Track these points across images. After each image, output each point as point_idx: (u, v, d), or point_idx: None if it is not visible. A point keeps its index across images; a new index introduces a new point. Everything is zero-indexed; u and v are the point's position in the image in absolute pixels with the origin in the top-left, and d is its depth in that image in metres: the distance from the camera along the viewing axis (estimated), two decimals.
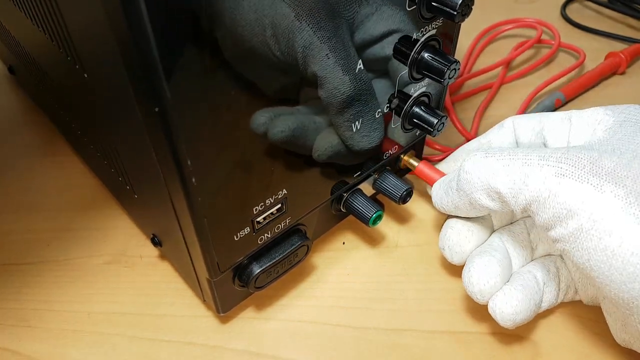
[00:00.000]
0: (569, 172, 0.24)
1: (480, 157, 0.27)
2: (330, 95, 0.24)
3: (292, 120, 0.25)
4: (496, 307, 0.27)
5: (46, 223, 0.38)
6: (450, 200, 0.29)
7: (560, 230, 0.24)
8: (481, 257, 0.29)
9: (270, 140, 0.24)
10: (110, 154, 0.30)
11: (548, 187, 0.24)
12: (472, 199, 0.27)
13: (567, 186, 0.23)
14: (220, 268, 0.27)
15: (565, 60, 0.51)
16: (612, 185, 0.23)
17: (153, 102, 0.19)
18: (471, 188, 0.27)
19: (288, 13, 0.20)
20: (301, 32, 0.21)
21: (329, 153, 0.27)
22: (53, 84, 0.34)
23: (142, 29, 0.17)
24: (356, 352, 0.30)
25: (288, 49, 0.21)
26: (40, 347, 0.31)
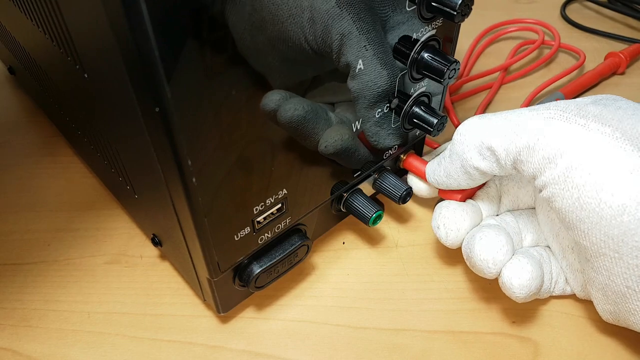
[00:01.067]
0: (557, 115, 0.25)
1: (474, 118, 0.28)
2: (364, 87, 0.24)
3: (307, 103, 0.24)
4: (512, 274, 0.27)
5: (46, 223, 0.38)
6: (443, 169, 0.30)
7: (549, 172, 0.25)
8: (490, 229, 0.29)
9: (279, 119, 0.23)
10: (111, 154, 0.30)
11: (538, 129, 0.25)
12: (464, 160, 0.28)
13: (556, 126, 0.25)
14: (221, 268, 0.27)
15: (565, 60, 0.51)
16: (598, 124, 0.24)
17: (154, 102, 0.19)
18: (464, 148, 0.28)
19: (329, 3, 0.20)
20: (341, 19, 0.21)
21: (338, 146, 0.27)
22: (53, 84, 0.34)
23: (142, 29, 0.17)
24: (356, 352, 0.30)
25: (324, 34, 0.21)
26: (40, 347, 0.31)
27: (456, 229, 0.30)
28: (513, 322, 0.31)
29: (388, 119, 0.28)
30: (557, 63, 0.51)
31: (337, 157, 0.28)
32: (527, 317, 0.31)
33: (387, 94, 0.25)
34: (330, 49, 0.22)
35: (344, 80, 0.25)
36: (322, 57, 0.22)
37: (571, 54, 0.52)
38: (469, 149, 0.28)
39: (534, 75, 0.49)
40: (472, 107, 0.46)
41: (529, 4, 0.60)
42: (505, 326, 0.31)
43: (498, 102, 0.46)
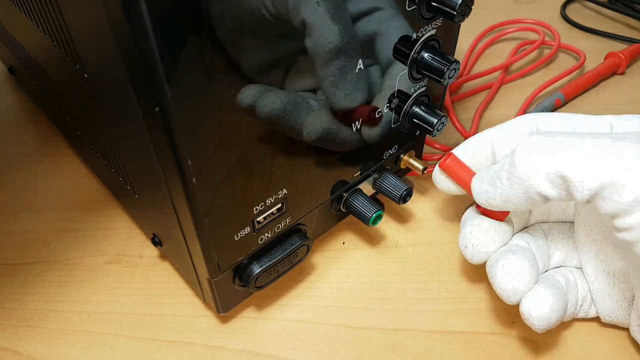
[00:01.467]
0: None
1: (541, 139, 0.24)
2: (317, 43, 0.23)
3: (285, 95, 0.24)
4: (531, 306, 0.26)
5: (46, 223, 0.38)
6: (500, 193, 0.26)
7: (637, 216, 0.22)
8: (514, 255, 0.27)
9: (259, 114, 0.23)
10: (111, 154, 0.30)
11: (627, 168, 0.21)
12: (530, 187, 0.24)
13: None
14: (221, 268, 0.27)
15: (565, 60, 0.51)
16: None
17: (154, 102, 0.19)
18: (529, 174, 0.24)
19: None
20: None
21: (319, 131, 0.26)
22: (53, 84, 0.34)
23: (143, 29, 0.17)
24: (356, 352, 0.30)
25: (282, 8, 0.20)
26: (40, 347, 0.31)
27: (485, 252, 0.28)
28: (513, 322, 0.31)
29: (343, 78, 0.26)
30: (557, 63, 0.51)
31: (322, 142, 0.27)
32: None
33: (339, 52, 0.24)
34: (287, 9, 0.21)
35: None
36: (284, 23, 0.22)
37: (571, 54, 0.52)
38: (538, 176, 0.24)
39: (534, 76, 0.49)
40: (472, 107, 0.46)
41: (529, 4, 0.60)
42: (505, 326, 0.31)
43: (497, 102, 0.46)
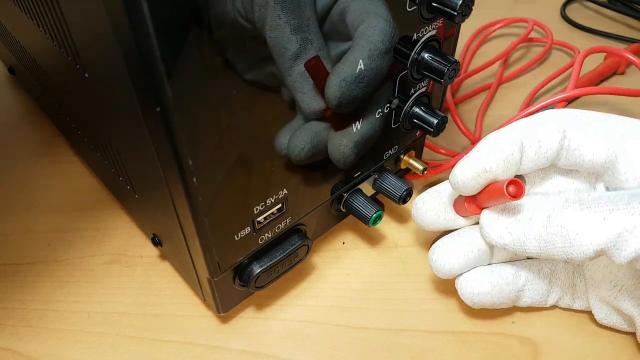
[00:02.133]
0: None
1: (575, 210, 0.24)
2: (277, 53, 0.23)
3: (305, 133, 0.25)
4: (459, 285, 0.30)
5: (46, 223, 0.38)
6: (534, 248, 0.26)
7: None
8: (453, 238, 0.30)
9: (296, 162, 0.26)
10: (111, 154, 0.30)
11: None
12: (567, 254, 0.25)
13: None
14: (221, 268, 0.27)
15: (561, 58, 0.52)
16: None
17: (154, 102, 0.19)
18: (567, 245, 0.24)
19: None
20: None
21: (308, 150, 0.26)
22: (53, 84, 0.34)
23: (143, 29, 0.17)
24: (356, 352, 0.30)
25: (251, 13, 0.20)
26: (40, 347, 0.31)
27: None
28: (513, 322, 0.31)
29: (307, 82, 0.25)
30: (553, 62, 0.51)
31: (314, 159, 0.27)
32: (527, 317, 0.31)
33: (298, 56, 0.24)
34: (254, 19, 0.21)
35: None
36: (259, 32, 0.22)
37: (566, 51, 0.52)
38: (574, 247, 0.24)
39: (529, 75, 0.50)
40: (472, 108, 0.46)
41: (529, 4, 0.60)
42: (505, 326, 0.31)
43: (497, 102, 0.46)
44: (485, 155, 0.27)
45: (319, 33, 0.24)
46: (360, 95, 0.27)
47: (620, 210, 0.23)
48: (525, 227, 0.26)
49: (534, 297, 0.30)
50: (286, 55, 0.23)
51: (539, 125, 0.27)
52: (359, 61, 0.25)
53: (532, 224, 0.26)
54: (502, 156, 0.27)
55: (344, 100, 0.26)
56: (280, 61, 0.23)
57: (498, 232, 0.27)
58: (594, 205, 0.24)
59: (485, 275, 0.29)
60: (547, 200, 0.26)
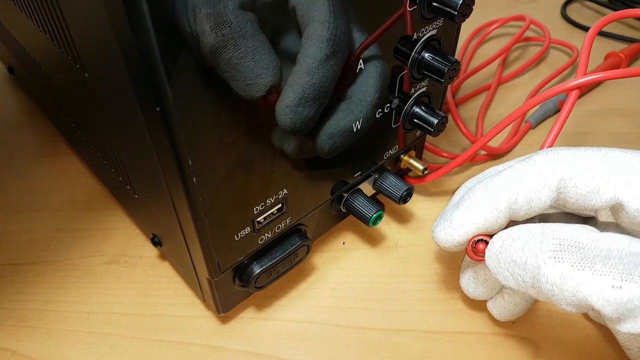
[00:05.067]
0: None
1: (571, 267, 0.21)
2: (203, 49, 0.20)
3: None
4: (492, 310, 0.30)
5: (46, 223, 0.37)
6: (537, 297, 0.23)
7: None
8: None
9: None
10: (111, 154, 0.30)
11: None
12: (559, 305, 0.22)
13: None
14: (221, 268, 0.27)
15: (559, 57, 0.52)
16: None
17: (154, 101, 0.19)
18: (558, 300, 0.22)
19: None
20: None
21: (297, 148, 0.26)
22: (53, 84, 0.34)
23: (143, 28, 0.17)
24: (356, 352, 0.30)
25: (192, 25, 0.19)
26: (40, 347, 0.31)
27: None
28: (513, 322, 0.31)
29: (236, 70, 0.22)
30: (552, 61, 0.51)
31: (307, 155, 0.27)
32: (527, 317, 0.31)
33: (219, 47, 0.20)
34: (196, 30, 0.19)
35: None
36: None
37: (564, 50, 0.52)
38: (565, 303, 0.21)
39: (528, 74, 0.50)
40: (472, 108, 0.46)
41: (529, 4, 0.60)
42: (505, 326, 0.31)
43: (497, 102, 0.46)
44: (467, 223, 0.25)
45: (241, 12, 0.20)
46: (312, 114, 0.24)
47: (634, 281, 0.20)
48: (523, 273, 0.23)
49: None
50: (205, 49, 0.20)
51: (528, 182, 0.24)
52: (299, 82, 0.23)
53: (526, 270, 0.22)
54: (484, 225, 0.25)
55: (297, 125, 0.24)
56: (205, 54, 0.20)
57: (502, 275, 0.24)
58: (599, 264, 0.20)
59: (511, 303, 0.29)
60: (539, 241, 0.22)
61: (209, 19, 0.20)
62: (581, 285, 0.20)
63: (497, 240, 0.24)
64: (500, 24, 0.53)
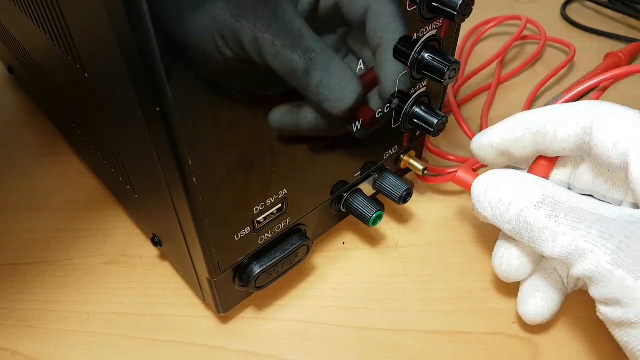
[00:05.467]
0: (625, 264, 0.22)
1: (544, 215, 0.25)
2: (289, 78, 0.23)
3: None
4: (526, 314, 0.29)
5: (46, 223, 0.38)
6: (506, 230, 0.28)
7: (608, 310, 0.24)
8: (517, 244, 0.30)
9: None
10: (111, 154, 0.30)
11: (602, 272, 0.23)
12: (532, 247, 0.26)
13: (621, 279, 0.22)
14: (221, 268, 0.27)
15: (556, 55, 0.52)
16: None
17: (154, 101, 0.19)
18: (531, 241, 0.26)
19: (226, 18, 0.20)
20: (243, 31, 0.20)
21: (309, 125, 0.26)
22: (53, 84, 0.34)
23: (144, 28, 0.17)
24: (356, 352, 0.30)
25: (242, 52, 0.21)
26: (40, 347, 0.31)
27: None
28: (513, 322, 0.31)
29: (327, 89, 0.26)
30: (550, 60, 0.51)
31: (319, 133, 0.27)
32: None
33: (309, 71, 0.24)
34: (253, 59, 0.21)
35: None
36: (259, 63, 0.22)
37: (562, 49, 0.52)
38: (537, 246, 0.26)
39: (527, 73, 0.50)
40: (473, 109, 0.46)
41: (529, 4, 0.60)
42: (505, 326, 0.31)
43: (497, 102, 0.46)
44: (496, 133, 0.29)
45: (313, 35, 0.23)
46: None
47: (579, 231, 0.24)
48: (504, 210, 0.27)
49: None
50: (297, 74, 0.23)
51: (562, 115, 0.27)
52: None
53: (509, 210, 0.27)
54: (510, 137, 0.29)
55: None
56: (295, 82, 0.24)
57: (482, 204, 0.28)
58: (562, 216, 0.25)
59: (550, 299, 0.29)
60: (531, 190, 0.27)
61: (293, 50, 0.22)
62: (545, 229, 0.25)
63: (492, 174, 0.29)
64: (496, 24, 0.53)
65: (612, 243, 0.23)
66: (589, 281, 0.24)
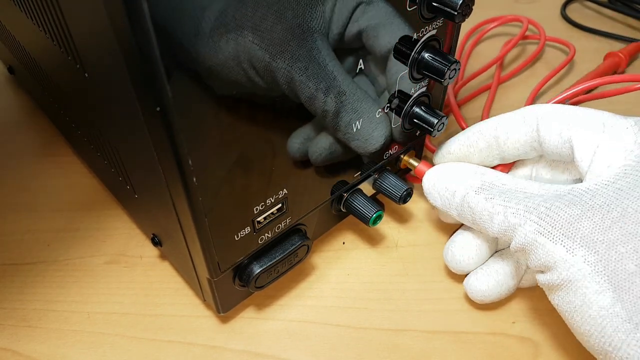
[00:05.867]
0: (546, 231, 0.25)
1: (483, 198, 0.28)
2: (320, 116, 0.25)
3: (326, 138, 0.26)
4: (468, 288, 0.31)
5: (46, 223, 0.38)
6: (455, 216, 0.30)
7: (541, 277, 0.26)
8: (463, 236, 0.32)
9: (315, 164, 0.27)
10: (111, 154, 0.30)
11: (529, 242, 0.25)
12: (478, 229, 0.29)
13: (544, 244, 0.25)
14: (221, 268, 0.27)
15: (555, 55, 0.52)
16: (584, 250, 0.24)
17: (154, 101, 0.19)
18: (475, 224, 0.29)
19: (262, 55, 0.21)
20: (279, 71, 0.22)
21: (325, 156, 0.28)
22: (53, 84, 0.34)
23: (143, 29, 0.17)
24: (356, 352, 0.30)
25: (274, 84, 0.22)
26: (40, 347, 0.31)
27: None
28: (513, 322, 0.31)
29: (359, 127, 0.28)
30: (550, 60, 0.51)
31: (330, 162, 0.28)
32: (527, 317, 0.31)
33: (339, 112, 0.26)
34: (281, 91, 0.23)
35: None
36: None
37: (562, 48, 0.52)
38: (475, 224, 0.29)
39: (527, 73, 0.50)
40: (473, 109, 0.46)
41: (529, 4, 0.60)
42: (505, 326, 0.31)
43: (497, 102, 0.46)
44: (453, 140, 0.32)
45: (345, 76, 0.25)
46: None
47: (510, 208, 0.26)
48: (450, 198, 0.30)
49: (533, 280, 0.31)
50: (328, 116, 0.25)
51: (510, 118, 0.30)
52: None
53: (454, 197, 0.29)
54: (465, 143, 0.31)
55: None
56: (326, 122, 0.25)
57: (432, 195, 0.31)
58: (497, 197, 0.27)
59: (492, 277, 0.30)
60: (472, 178, 0.29)
61: (326, 94, 0.24)
62: (484, 210, 0.28)
63: (439, 167, 0.32)
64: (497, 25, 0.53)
65: (535, 215, 0.25)
66: (524, 253, 0.26)
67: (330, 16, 0.23)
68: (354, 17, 0.24)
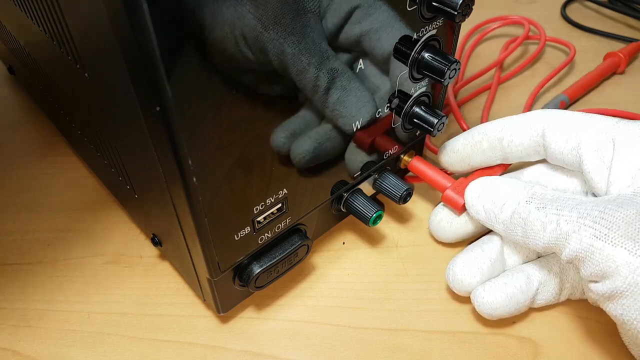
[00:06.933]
0: (603, 234, 0.24)
1: (535, 208, 0.27)
2: (309, 92, 0.24)
3: (312, 139, 0.26)
4: (475, 300, 0.30)
5: (46, 223, 0.38)
6: (500, 230, 0.29)
7: (598, 287, 0.24)
8: (465, 255, 0.31)
9: (297, 165, 0.26)
10: (111, 154, 0.30)
11: (585, 248, 0.24)
12: (525, 243, 0.28)
13: (602, 249, 0.24)
14: (221, 268, 0.27)
15: (555, 55, 0.52)
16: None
17: (154, 101, 0.19)
18: (525, 236, 0.27)
19: (255, 24, 0.20)
20: (271, 42, 0.21)
21: (308, 158, 0.27)
22: (53, 84, 0.34)
23: (144, 28, 0.17)
24: (356, 352, 0.30)
25: (263, 57, 0.21)
26: (40, 347, 0.31)
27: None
28: (513, 322, 0.31)
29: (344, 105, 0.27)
30: (550, 60, 0.51)
31: (316, 162, 0.28)
32: (527, 317, 0.31)
33: (329, 89, 0.25)
34: (274, 66, 0.22)
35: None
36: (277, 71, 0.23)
37: (562, 48, 0.52)
38: (537, 245, 0.27)
39: (526, 73, 0.50)
40: (473, 109, 0.46)
41: (529, 4, 0.60)
42: (505, 326, 0.31)
43: (497, 102, 0.46)
44: (457, 139, 0.33)
45: (337, 58, 0.25)
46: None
47: (563, 216, 0.25)
48: (497, 211, 0.29)
49: (548, 298, 0.30)
50: (319, 92, 0.25)
51: (516, 121, 0.31)
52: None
53: (503, 210, 0.29)
54: (470, 142, 0.32)
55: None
56: (315, 98, 0.25)
57: (475, 208, 0.30)
58: (549, 205, 0.26)
59: (500, 289, 0.29)
60: (521, 190, 0.28)
61: (318, 68, 0.24)
62: (536, 220, 0.27)
63: (482, 181, 0.31)
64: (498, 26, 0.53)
65: (589, 219, 0.24)
66: (578, 262, 0.25)
67: (328, 4, 0.22)
68: (353, 18, 0.24)
